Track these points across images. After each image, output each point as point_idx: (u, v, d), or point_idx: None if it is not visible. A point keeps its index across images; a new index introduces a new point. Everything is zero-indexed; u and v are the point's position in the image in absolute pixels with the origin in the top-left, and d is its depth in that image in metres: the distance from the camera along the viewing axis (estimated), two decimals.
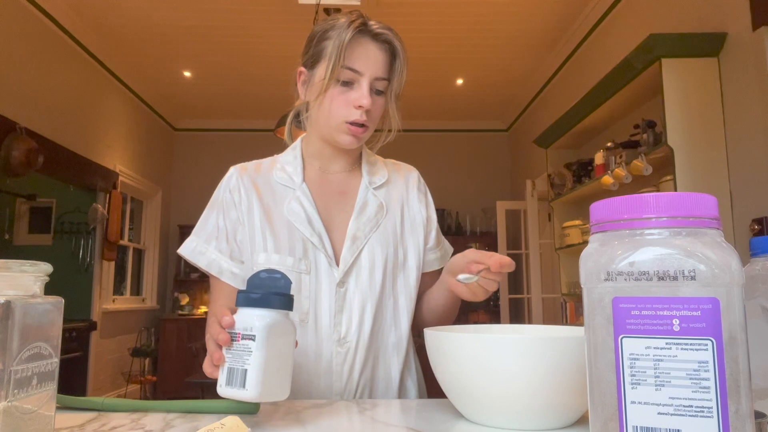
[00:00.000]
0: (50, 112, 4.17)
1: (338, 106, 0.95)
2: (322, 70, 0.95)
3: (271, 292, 0.65)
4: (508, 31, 4.51)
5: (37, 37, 4.00)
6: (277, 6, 4.10)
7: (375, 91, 0.96)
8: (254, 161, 1.10)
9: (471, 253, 0.86)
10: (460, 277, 0.84)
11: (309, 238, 0.98)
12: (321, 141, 1.03)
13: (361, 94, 0.94)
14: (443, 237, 1.17)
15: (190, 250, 1.03)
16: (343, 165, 1.07)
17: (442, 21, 4.34)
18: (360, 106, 0.94)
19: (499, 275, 0.83)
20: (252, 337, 0.62)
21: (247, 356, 0.62)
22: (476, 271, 0.82)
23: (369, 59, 0.95)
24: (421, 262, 1.07)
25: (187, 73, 5.34)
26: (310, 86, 0.99)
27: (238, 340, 0.63)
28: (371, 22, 0.97)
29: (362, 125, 0.96)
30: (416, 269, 1.05)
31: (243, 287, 1.00)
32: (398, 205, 1.08)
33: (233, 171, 1.07)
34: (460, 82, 5.54)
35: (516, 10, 4.19)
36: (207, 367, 0.70)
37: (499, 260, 0.80)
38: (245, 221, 1.01)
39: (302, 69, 1.01)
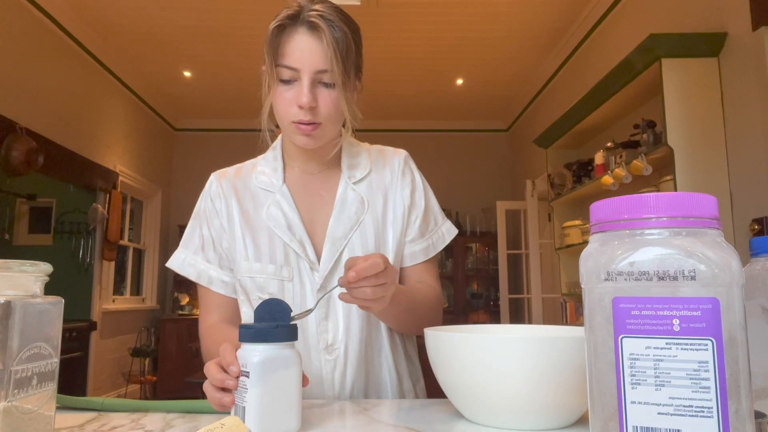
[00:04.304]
0: (50, 112, 4.17)
1: (282, 105, 0.89)
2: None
3: (271, 324, 0.63)
4: (508, 31, 4.51)
5: (37, 37, 4.00)
6: (277, 6, 4.09)
7: (323, 85, 0.88)
8: (235, 166, 1.06)
9: (348, 260, 0.73)
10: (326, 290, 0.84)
11: (289, 244, 0.94)
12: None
13: (300, 92, 0.86)
14: (443, 221, 1.06)
15: (179, 262, 1.01)
16: (322, 164, 1.01)
17: (442, 21, 4.34)
18: (300, 106, 0.86)
19: (366, 281, 0.70)
20: (247, 374, 0.61)
21: (244, 393, 0.61)
22: (342, 282, 0.72)
23: (304, 52, 0.86)
24: (400, 257, 0.99)
25: (187, 73, 5.34)
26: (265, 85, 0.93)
27: (239, 377, 0.63)
28: (313, 7, 0.87)
29: (311, 123, 0.88)
30: (396, 266, 0.97)
31: (234, 296, 0.99)
32: (381, 197, 1.00)
33: (213, 178, 1.03)
34: (460, 82, 5.54)
35: (516, 10, 4.19)
36: (217, 408, 0.67)
37: (357, 271, 0.69)
38: (227, 229, 0.99)
39: (263, 68, 0.92)
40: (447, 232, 1.06)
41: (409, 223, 1.01)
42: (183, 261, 1.01)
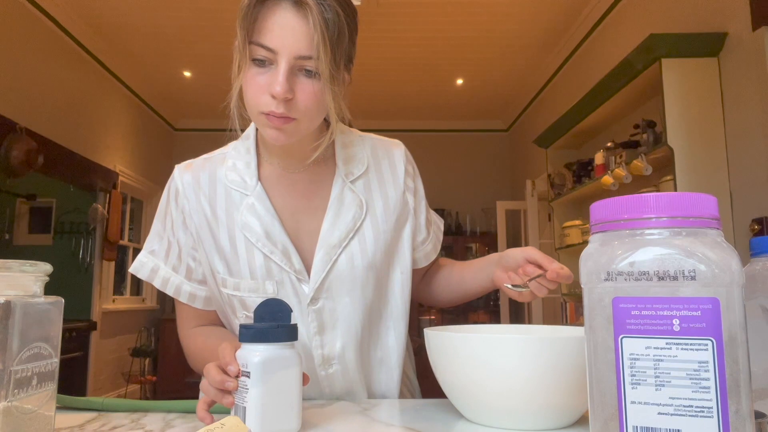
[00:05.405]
0: (50, 112, 4.17)
1: (252, 91, 0.75)
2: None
3: (272, 324, 0.63)
4: (508, 31, 4.51)
5: (37, 37, 3.99)
6: None
7: (304, 73, 0.74)
8: (203, 156, 0.92)
9: (531, 252, 0.79)
10: (510, 285, 0.81)
11: (270, 256, 0.82)
12: None
13: (274, 78, 0.72)
14: (431, 212, 1.01)
15: (141, 266, 0.89)
16: (307, 158, 0.86)
17: (442, 21, 4.34)
18: (273, 95, 0.72)
19: (553, 284, 0.77)
20: (248, 374, 0.61)
21: (245, 393, 0.61)
22: (532, 274, 0.78)
23: (285, 31, 0.71)
24: (410, 262, 0.91)
25: (187, 73, 5.34)
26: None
27: (239, 377, 0.63)
28: None
29: (284, 117, 0.74)
30: (400, 273, 0.90)
31: (209, 308, 0.91)
32: (382, 198, 0.89)
33: (176, 174, 0.89)
34: (460, 82, 5.54)
35: (516, 10, 4.19)
36: (201, 412, 0.65)
37: (558, 270, 0.75)
38: (197, 236, 0.86)
39: (236, 43, 0.77)
40: (439, 221, 1.04)
41: (418, 225, 0.94)
42: (144, 265, 0.89)
